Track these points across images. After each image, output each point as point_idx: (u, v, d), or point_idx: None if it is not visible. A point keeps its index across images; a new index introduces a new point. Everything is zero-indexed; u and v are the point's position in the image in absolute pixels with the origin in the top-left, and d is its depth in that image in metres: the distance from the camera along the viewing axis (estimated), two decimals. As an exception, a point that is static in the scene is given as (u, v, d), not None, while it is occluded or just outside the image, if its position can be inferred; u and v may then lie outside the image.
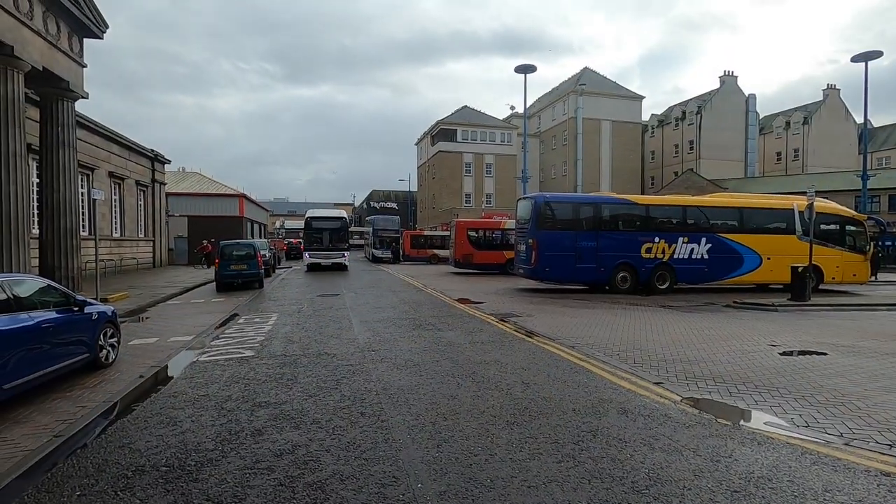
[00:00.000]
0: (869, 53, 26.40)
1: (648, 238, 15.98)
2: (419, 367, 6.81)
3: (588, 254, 15.57)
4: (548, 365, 6.98)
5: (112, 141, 23.56)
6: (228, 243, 18.44)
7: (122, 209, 24.70)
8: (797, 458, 3.98)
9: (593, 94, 53.76)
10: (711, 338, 9.03)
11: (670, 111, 59.12)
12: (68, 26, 13.40)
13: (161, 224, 29.82)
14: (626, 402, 5.38)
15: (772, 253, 16.39)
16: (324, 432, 4.51)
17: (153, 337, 9.34)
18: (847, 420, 4.85)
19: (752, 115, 54.73)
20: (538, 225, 15.66)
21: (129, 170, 25.38)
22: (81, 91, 14.11)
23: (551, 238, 15.50)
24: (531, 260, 15.58)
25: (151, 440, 4.40)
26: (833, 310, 13.02)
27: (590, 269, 15.64)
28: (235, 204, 40.56)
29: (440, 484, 3.53)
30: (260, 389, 5.85)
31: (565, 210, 16.45)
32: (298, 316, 11.61)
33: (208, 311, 12.79)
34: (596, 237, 15.72)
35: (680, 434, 4.47)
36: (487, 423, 4.73)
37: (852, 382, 6.11)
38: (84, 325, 6.52)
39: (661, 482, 3.56)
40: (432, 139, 57.06)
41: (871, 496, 3.38)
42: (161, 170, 30.00)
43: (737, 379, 6.31)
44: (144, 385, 6.28)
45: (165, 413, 5.12)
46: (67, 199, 13.77)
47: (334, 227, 27.37)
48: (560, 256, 15.49)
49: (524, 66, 29.49)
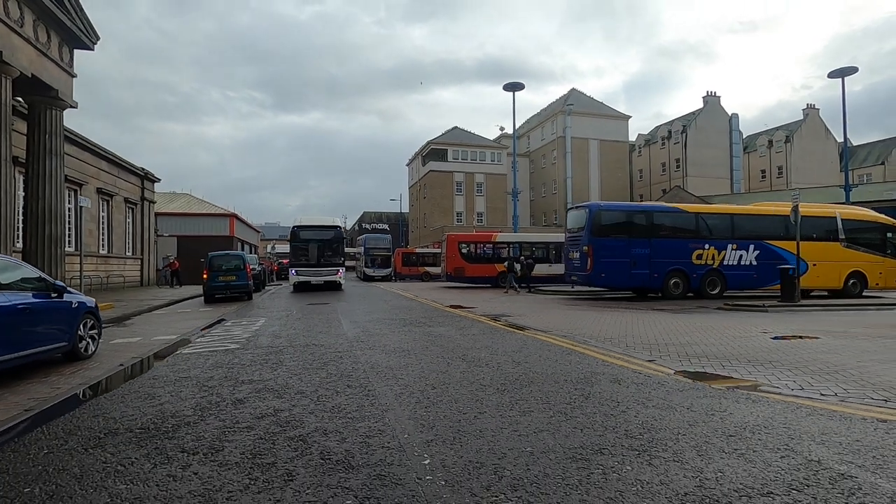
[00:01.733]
0: (845, 70, 27.34)
1: (699, 245, 16.12)
2: (408, 353, 6.67)
3: (642, 260, 15.76)
4: (539, 349, 6.87)
5: (101, 157, 23.49)
6: (218, 254, 18.23)
7: (110, 226, 24.44)
8: (793, 412, 3.90)
9: (581, 114, 54.83)
10: (703, 328, 8.99)
11: (656, 130, 60.33)
12: (59, 36, 13.49)
13: (150, 243, 29.52)
14: (619, 374, 5.29)
15: (817, 259, 16.52)
16: (307, 399, 4.37)
17: (137, 337, 9.11)
18: (841, 383, 4.79)
19: (736, 134, 56.05)
20: (593, 232, 15.73)
21: (118, 187, 25.25)
22: (70, 100, 14.12)
23: (606, 245, 15.62)
24: (586, 266, 15.63)
25: (127, 410, 4.22)
26: (822, 309, 13.06)
27: (643, 275, 15.81)
28: (226, 224, 40.42)
29: (427, 434, 3.40)
30: (244, 371, 5.68)
31: (619, 218, 16.59)
32: (287, 319, 11.41)
33: (195, 318, 12.54)
34: (649, 244, 15.90)
35: (673, 396, 4.38)
36: (478, 390, 4.61)
37: (844, 357, 6.07)
38: (63, 313, 6.33)
39: (655, 430, 3.46)
40: (423, 159, 57.60)
41: (868, 437, 3.30)
42: (151, 188, 29.88)
43: (730, 356, 6.24)
44: (124, 372, 6.07)
45: (144, 391, 4.93)
46: (52, 207, 13.61)
47: (326, 237, 22.38)
48: (615, 262, 15.60)
49: (513, 83, 30.10)
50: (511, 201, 33.60)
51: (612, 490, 2.54)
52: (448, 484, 2.64)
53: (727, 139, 55.41)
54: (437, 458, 2.98)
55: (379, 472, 2.79)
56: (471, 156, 55.27)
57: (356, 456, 3.04)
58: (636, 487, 2.57)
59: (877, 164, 54.92)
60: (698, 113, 55.75)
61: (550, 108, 60.73)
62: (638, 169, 61.03)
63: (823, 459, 2.92)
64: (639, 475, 2.72)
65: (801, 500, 2.43)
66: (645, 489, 2.55)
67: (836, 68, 27.43)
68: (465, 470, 2.81)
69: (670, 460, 2.92)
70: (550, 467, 2.83)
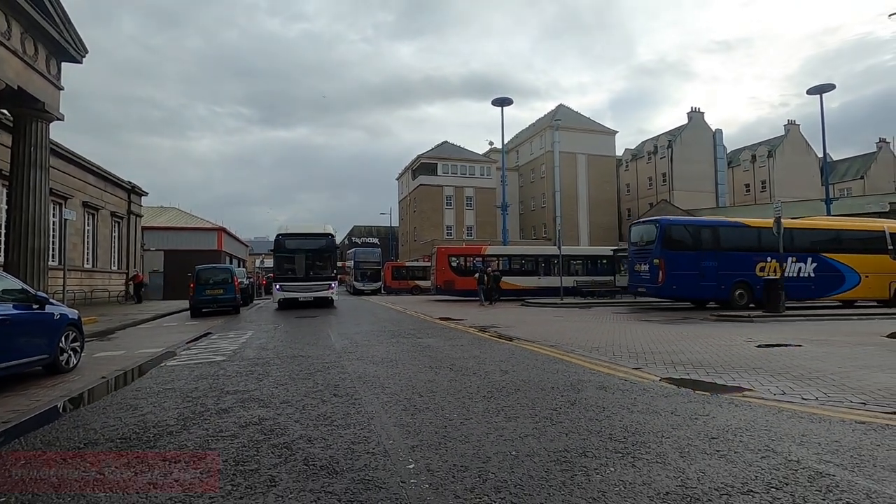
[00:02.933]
0: (823, 87, 28.19)
1: (762, 258, 16.58)
2: (396, 363, 6.65)
3: (710, 272, 16.21)
4: (526, 358, 6.88)
5: (88, 171, 23.28)
6: (205, 268, 18.06)
7: (96, 240, 24.13)
8: (774, 415, 3.96)
9: (569, 129, 55.59)
10: (689, 337, 9.08)
11: (643, 146, 61.35)
12: (46, 49, 13.48)
13: (136, 257, 29.17)
14: (605, 381, 5.32)
15: (869, 271, 17.16)
16: (293, 408, 4.33)
17: (120, 350, 8.97)
18: (822, 388, 4.86)
19: (720, 149, 57.22)
20: (664, 245, 16.24)
21: (104, 200, 24.99)
22: (57, 112, 14.05)
23: (677, 258, 16.10)
24: (658, 279, 16.05)
25: (108, 421, 4.16)
26: (807, 319, 13.25)
27: (711, 286, 16.26)
28: (214, 238, 40.12)
29: (413, 440, 3.40)
30: (229, 382, 5.62)
31: (687, 233, 17.20)
32: (275, 332, 11.31)
33: (180, 332, 12.36)
34: (716, 257, 16.38)
35: (658, 401, 4.42)
36: (464, 398, 4.61)
37: (826, 363, 6.16)
38: (44, 324, 6.23)
39: (640, 433, 3.49)
40: (413, 173, 57.87)
41: (846, 438, 3.36)
42: (138, 202, 29.61)
43: (714, 363, 6.31)
44: (107, 384, 5.97)
45: (126, 402, 4.85)
46: (36, 220, 13.44)
47: (316, 247, 19.11)
48: (685, 275, 16.03)
49: (501, 98, 30.58)
50: (501, 215, 33.86)
51: (594, 490, 2.56)
52: (432, 487, 2.63)
53: (712, 154, 56.49)
54: (422, 463, 2.97)
55: (363, 477, 2.78)
56: (460, 170, 55.65)
57: (340, 461, 3.02)
58: (619, 488, 2.59)
59: (856, 179, 56.28)
60: (683, 128, 56.86)
61: (539, 122, 61.56)
62: (625, 183, 61.86)
63: (803, 459, 2.96)
64: (622, 476, 2.74)
65: (780, 497, 2.46)
66: (627, 489, 2.57)
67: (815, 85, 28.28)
68: (449, 473, 2.81)
69: (653, 462, 2.94)
70: (534, 470, 2.84)
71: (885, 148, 57.84)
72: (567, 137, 55.15)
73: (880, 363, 6.15)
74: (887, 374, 5.42)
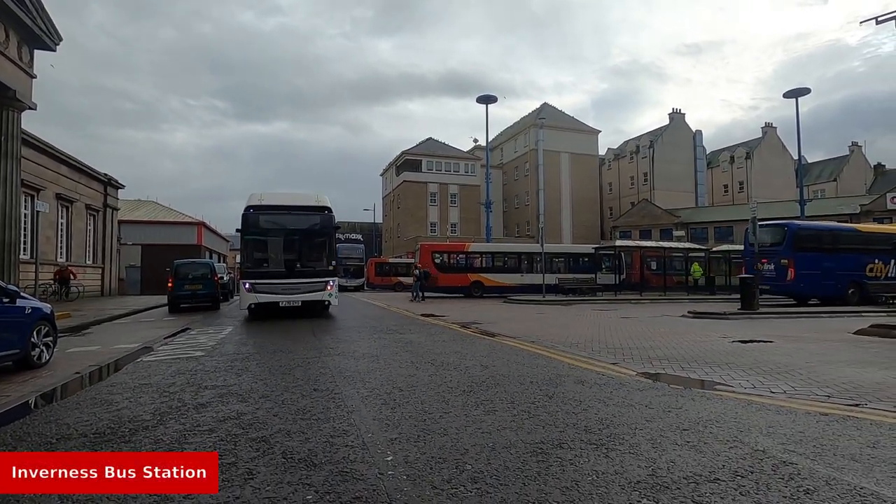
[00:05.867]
0: (799, 90, 28.93)
1: (871, 260, 18.16)
2: (377, 358, 6.66)
3: (829, 272, 17.49)
4: (507, 354, 6.96)
5: (61, 162, 22.64)
6: (184, 262, 17.77)
7: (70, 233, 23.50)
8: (744, 407, 4.09)
9: (552, 127, 55.93)
10: (667, 333, 9.27)
11: (625, 145, 62.14)
12: (18, 35, 13.06)
13: (112, 251, 28.51)
14: (583, 376, 5.41)
15: None
16: (272, 403, 4.32)
17: (95, 346, 8.79)
18: (790, 382, 5.03)
19: (700, 150, 58.34)
20: (794, 247, 17.55)
21: (79, 193, 24.34)
22: (29, 101, 13.66)
23: (804, 259, 17.43)
24: (786, 277, 17.41)
25: (82, 416, 4.09)
26: (780, 317, 13.63)
27: (830, 285, 17.47)
28: (194, 232, 39.42)
29: (392, 433, 3.42)
30: (207, 377, 5.56)
31: (812, 235, 18.56)
32: (255, 327, 11.20)
33: (158, 327, 12.16)
34: (835, 259, 17.74)
35: (633, 395, 4.52)
36: (444, 392, 4.65)
37: (795, 359, 6.37)
38: (14, 318, 6.08)
39: (614, 425, 3.57)
40: (397, 169, 57.66)
41: (810, 428, 3.50)
42: (114, 195, 28.92)
43: (690, 359, 6.47)
44: (81, 380, 5.85)
45: (101, 398, 4.77)
46: (8, 212, 13.06)
47: (305, 226, 13.16)
48: (810, 274, 17.36)
49: (486, 96, 30.65)
50: (484, 212, 33.98)
51: (568, 480, 2.62)
52: (409, 478, 2.67)
53: (692, 155, 57.54)
54: (400, 455, 3.00)
55: (341, 469, 2.80)
56: (444, 167, 55.62)
57: (319, 454, 3.03)
58: (591, 477, 2.66)
59: (829, 181, 57.90)
60: (665, 129, 57.73)
61: (523, 121, 61.82)
62: (608, 182, 62.60)
63: (768, 449, 3.07)
64: (595, 466, 2.81)
65: (745, 484, 2.56)
66: (600, 478, 2.64)
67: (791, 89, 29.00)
68: (427, 465, 2.84)
69: (626, 452, 3.02)
70: (511, 461, 2.90)
71: (856, 151, 59.64)
72: (551, 136, 55.50)
73: (846, 358, 6.38)
74: (851, 369, 5.63)
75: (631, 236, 46.47)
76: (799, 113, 28.82)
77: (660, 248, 28.22)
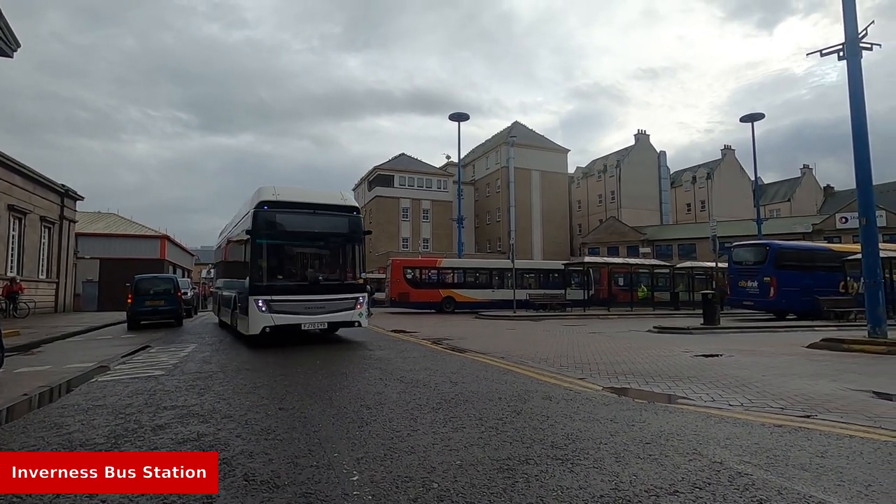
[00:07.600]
0: (754, 115, 30.57)
1: (843, 277, 18.46)
2: (346, 376, 6.57)
3: (806, 289, 18.11)
4: (476, 370, 6.97)
5: (14, 171, 21.63)
6: (145, 277, 17.13)
7: (22, 246, 22.39)
8: (703, 420, 4.22)
9: (523, 146, 57.13)
10: (633, 349, 9.49)
11: (593, 164, 63.98)
12: (-27, 40, 12.53)
13: (68, 265, 27.25)
14: (550, 391, 5.48)
15: None
16: (234, 423, 4.20)
17: (46, 365, 8.33)
18: (747, 395, 5.23)
19: (664, 170, 60.61)
20: (776, 265, 18.37)
21: (33, 204, 23.27)
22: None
23: (785, 276, 18.30)
24: (769, 294, 18.26)
25: (28, 441, 3.87)
26: (740, 332, 14.14)
27: (807, 300, 17.80)
28: (157, 246, 38.15)
29: (358, 452, 3.38)
30: (167, 397, 5.36)
31: (791, 255, 19.56)
32: (219, 345, 10.86)
33: (115, 345, 11.62)
34: (811, 276, 18.59)
35: (599, 409, 4.60)
36: (413, 409, 4.62)
37: (752, 372, 6.63)
38: (-42, 337, 5.72)
39: (579, 440, 3.63)
40: (369, 184, 57.52)
41: (765, 440, 3.64)
42: (72, 206, 27.75)
43: (653, 373, 6.64)
44: (29, 402, 5.54)
45: (50, 420, 4.53)
46: (-46, 223, 12.34)
47: (333, 229, 10.70)
48: (791, 291, 18.21)
49: (458, 114, 31.12)
50: (456, 228, 34.19)
51: (533, 496, 2.65)
52: (375, 498, 2.64)
53: (657, 174, 59.66)
54: (367, 475, 2.97)
55: (305, 491, 2.74)
56: (417, 182, 55.84)
57: (282, 476, 2.96)
58: (556, 492, 2.69)
59: (784, 201, 60.85)
60: (631, 149, 59.76)
61: (495, 138, 62.90)
62: (577, 199, 64.11)
63: (725, 460, 3.18)
64: (560, 481, 2.84)
65: (703, 496, 2.64)
66: (565, 493, 2.68)
67: (747, 114, 30.61)
68: (393, 484, 2.82)
69: (590, 467, 3.07)
70: (478, 478, 2.90)
71: (808, 174, 63.00)
72: (522, 154, 56.62)
73: (799, 371, 6.68)
74: (804, 381, 5.89)
75: (599, 253, 47.51)
76: (755, 136, 30.43)
77: (627, 265, 28.95)
